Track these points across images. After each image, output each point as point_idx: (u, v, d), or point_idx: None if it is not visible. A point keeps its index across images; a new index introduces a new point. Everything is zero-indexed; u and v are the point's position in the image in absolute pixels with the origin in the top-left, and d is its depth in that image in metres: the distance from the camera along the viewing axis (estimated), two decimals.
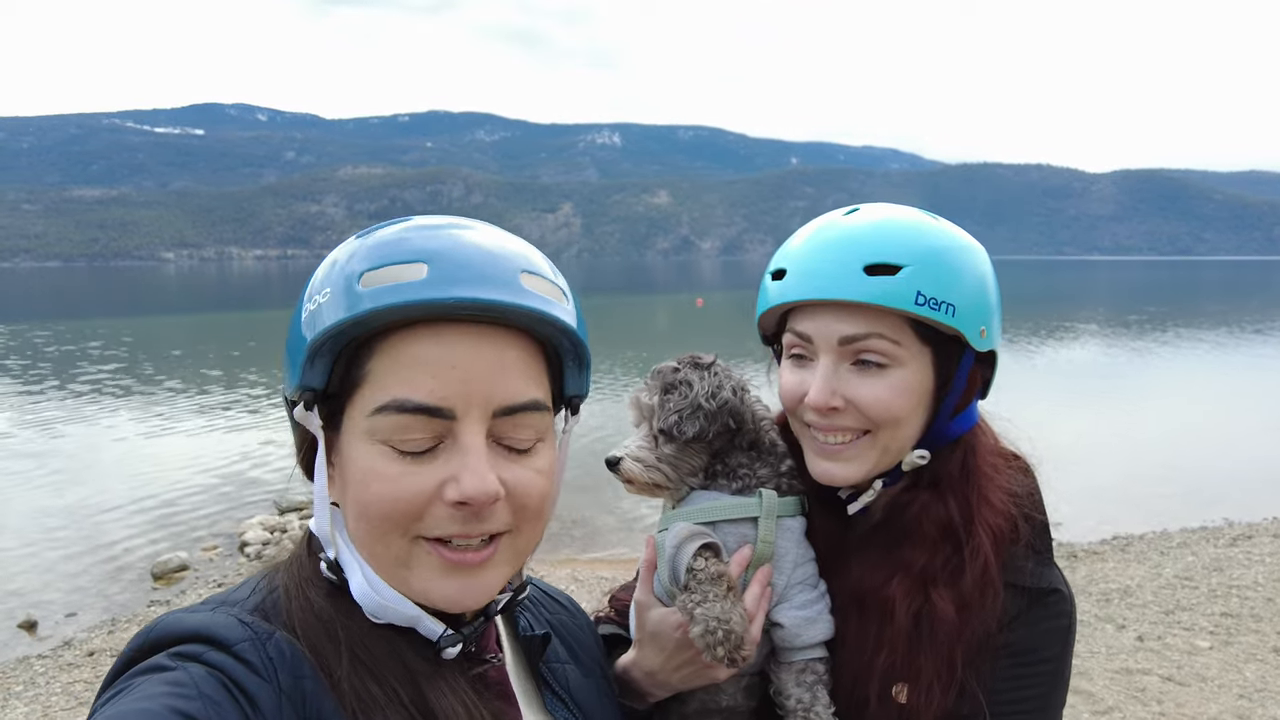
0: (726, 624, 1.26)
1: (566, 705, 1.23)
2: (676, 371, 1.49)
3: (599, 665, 1.39)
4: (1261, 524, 10.30)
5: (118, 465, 13.67)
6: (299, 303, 1.02)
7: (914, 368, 1.36)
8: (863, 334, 1.34)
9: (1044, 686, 1.34)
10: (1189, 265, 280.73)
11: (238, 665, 0.88)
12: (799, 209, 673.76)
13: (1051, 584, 1.36)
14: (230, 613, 0.96)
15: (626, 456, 1.46)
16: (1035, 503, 1.44)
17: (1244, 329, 39.00)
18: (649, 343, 31.42)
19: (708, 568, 1.34)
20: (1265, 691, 5.63)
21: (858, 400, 1.35)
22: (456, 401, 0.96)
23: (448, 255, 0.97)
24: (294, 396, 1.00)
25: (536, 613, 1.32)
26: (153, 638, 0.92)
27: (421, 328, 0.96)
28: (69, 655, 6.84)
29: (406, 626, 1.02)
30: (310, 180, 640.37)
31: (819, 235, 1.44)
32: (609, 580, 8.26)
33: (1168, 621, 6.92)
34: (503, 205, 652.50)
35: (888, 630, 1.37)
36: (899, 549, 1.41)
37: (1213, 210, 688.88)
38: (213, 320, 47.88)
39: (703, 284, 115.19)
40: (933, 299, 1.31)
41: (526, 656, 1.24)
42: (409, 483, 0.96)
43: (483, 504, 0.97)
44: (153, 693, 0.83)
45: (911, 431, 1.40)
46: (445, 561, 0.99)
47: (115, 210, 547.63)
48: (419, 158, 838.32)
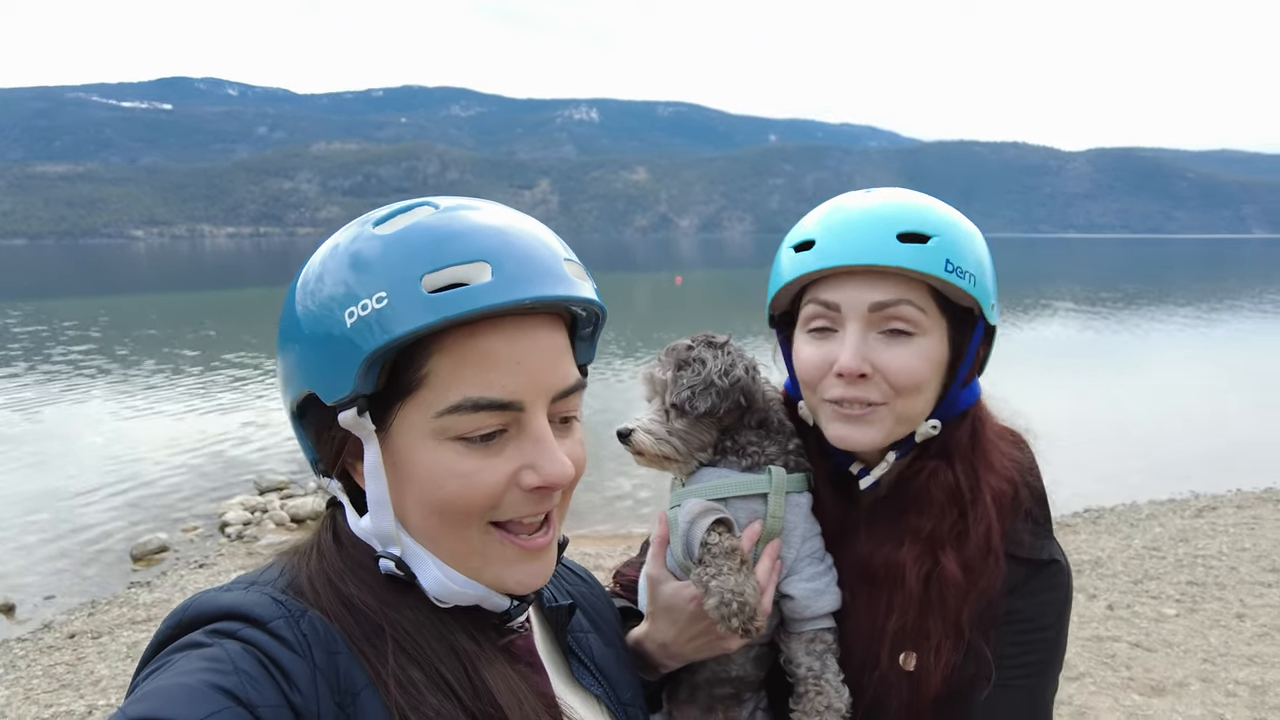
0: (740, 596, 1.31)
1: (592, 673, 1.26)
2: (690, 349, 1.52)
3: (618, 635, 1.43)
4: (1225, 496, 10.61)
5: (93, 447, 13.53)
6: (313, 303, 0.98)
7: (935, 338, 1.41)
8: (894, 300, 1.38)
9: (1043, 653, 1.39)
10: (1161, 244, 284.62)
11: (273, 641, 0.90)
12: (778, 186, 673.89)
13: (1051, 555, 1.41)
14: (263, 591, 0.97)
15: (639, 429, 1.50)
16: (1034, 473, 1.50)
17: (1214, 307, 39.71)
18: (629, 321, 31.41)
19: (721, 542, 1.38)
20: (1228, 655, 5.83)
21: (886, 367, 1.39)
22: (525, 394, 0.98)
23: (506, 253, 0.97)
24: (342, 404, 0.96)
25: (558, 585, 1.35)
26: (188, 616, 0.94)
27: (484, 325, 0.96)
28: (49, 638, 6.81)
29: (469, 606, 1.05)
30: (283, 156, 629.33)
31: (844, 208, 1.47)
32: (592, 556, 8.34)
33: (1136, 590, 7.12)
34: (479, 182, 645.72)
35: (899, 595, 1.41)
36: (906, 517, 1.45)
37: (1184, 189, 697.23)
38: (187, 299, 47.15)
39: (682, 262, 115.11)
40: (959, 268, 1.37)
41: (553, 627, 1.26)
42: (486, 476, 0.98)
43: (561, 486, 1.01)
44: (190, 668, 0.84)
45: (926, 402, 1.44)
46: (519, 549, 1.02)
47: (83, 187, 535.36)
48: (394, 133, 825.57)
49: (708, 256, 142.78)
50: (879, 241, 1.37)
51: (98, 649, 6.48)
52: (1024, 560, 1.40)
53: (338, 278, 0.98)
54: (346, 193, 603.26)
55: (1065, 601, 1.42)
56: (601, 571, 7.93)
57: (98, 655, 6.36)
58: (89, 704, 5.56)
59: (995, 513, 1.41)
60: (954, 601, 1.37)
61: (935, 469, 1.45)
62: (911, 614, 1.40)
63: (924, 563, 1.41)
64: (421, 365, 0.96)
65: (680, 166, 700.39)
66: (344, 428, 0.98)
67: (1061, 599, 1.41)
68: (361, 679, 0.93)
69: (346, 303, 0.95)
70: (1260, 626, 6.29)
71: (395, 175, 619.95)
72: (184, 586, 7.86)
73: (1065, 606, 1.42)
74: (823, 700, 1.41)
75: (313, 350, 0.98)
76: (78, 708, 5.51)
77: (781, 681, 1.53)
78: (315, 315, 0.98)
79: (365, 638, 0.97)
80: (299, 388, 1.01)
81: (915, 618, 1.39)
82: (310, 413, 1.03)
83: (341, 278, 0.97)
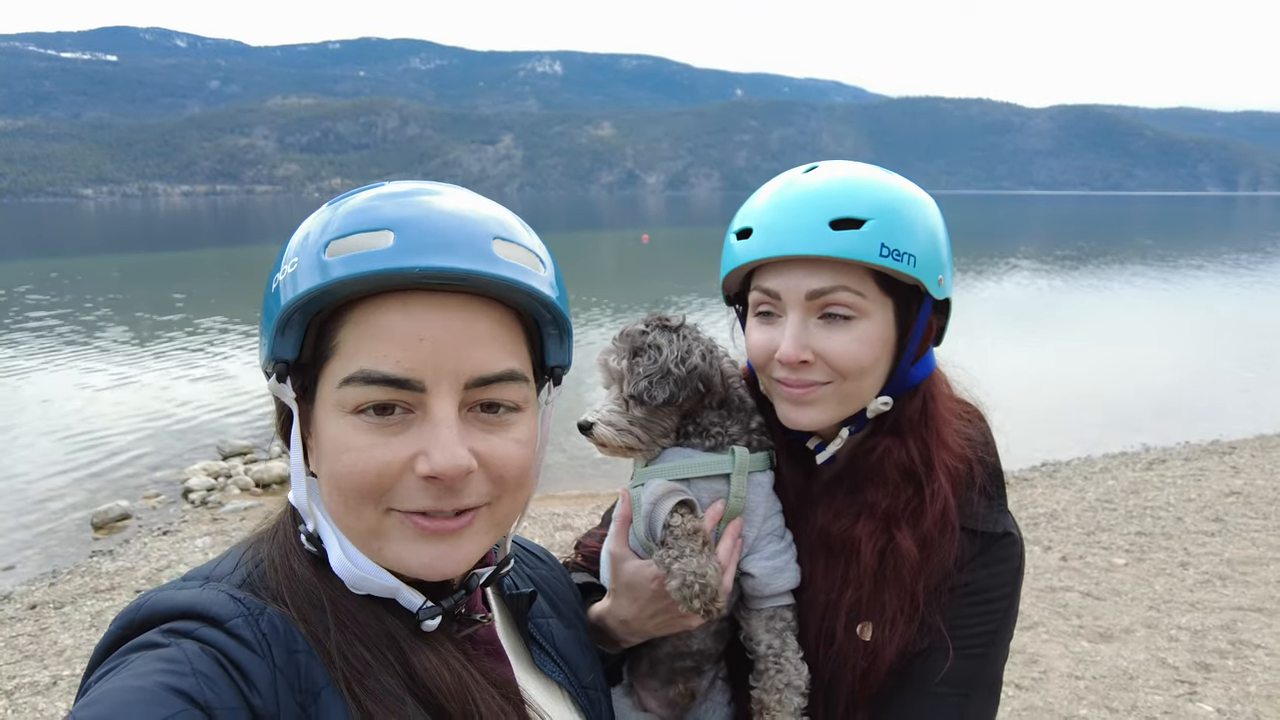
0: (703, 578, 1.33)
1: (553, 659, 1.25)
2: (645, 334, 1.49)
3: (578, 617, 1.43)
4: (1174, 448, 10.99)
5: (49, 414, 13.20)
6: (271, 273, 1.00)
7: (878, 319, 1.41)
8: (829, 287, 1.38)
9: (995, 623, 1.42)
10: (1120, 201, 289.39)
11: (231, 641, 0.88)
12: (744, 143, 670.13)
13: (1005, 528, 1.44)
14: (219, 588, 0.95)
15: (599, 421, 1.48)
16: (989, 449, 1.51)
17: (1170, 264, 40.62)
18: (595, 281, 31.22)
19: (684, 523, 1.39)
20: (1172, 602, 6.10)
21: (826, 353, 1.40)
22: (425, 373, 0.94)
23: (415, 223, 0.95)
24: (266, 368, 0.99)
25: (519, 570, 1.34)
26: (141, 615, 0.91)
27: (389, 297, 0.94)
28: (10, 609, 6.71)
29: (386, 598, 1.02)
30: (237, 111, 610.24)
31: (782, 193, 1.47)
32: (560, 516, 8.41)
33: (1089, 542, 7.38)
34: (440, 137, 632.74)
35: (854, 569, 1.43)
36: (863, 492, 1.47)
37: (1142, 146, 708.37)
38: (144, 260, 45.79)
39: (648, 220, 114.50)
40: (895, 250, 1.36)
41: (513, 614, 1.26)
42: (379, 454, 0.95)
43: (453, 478, 0.96)
44: (145, 670, 0.82)
45: (874, 380, 1.45)
46: (419, 529, 0.98)
47: (23, 143, 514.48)
48: (351, 87, 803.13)
49: (674, 214, 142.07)
50: (811, 231, 1.37)
51: (60, 619, 6.41)
52: (978, 533, 1.42)
53: (281, 253, 1.00)
54: (304, 149, 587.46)
55: (1018, 572, 1.44)
56: (570, 531, 8.02)
57: (61, 625, 6.29)
58: (53, 674, 5.52)
59: (950, 488, 1.43)
60: (909, 576, 1.40)
61: (889, 446, 1.46)
62: (867, 588, 1.42)
63: (879, 538, 1.43)
64: (334, 335, 0.96)
65: (646, 122, 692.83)
66: (276, 388, 0.99)
67: (1014, 569, 1.44)
68: (322, 678, 0.92)
69: (274, 272, 0.98)
70: (1202, 574, 6.57)
71: (354, 130, 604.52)
72: (147, 554, 7.78)
73: (1017, 577, 1.45)
74: (783, 678, 1.42)
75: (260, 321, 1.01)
76: (42, 678, 5.46)
77: (740, 653, 1.54)
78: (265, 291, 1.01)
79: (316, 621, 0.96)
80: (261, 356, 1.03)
81: (870, 592, 1.41)
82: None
83: (282, 252, 1.00)
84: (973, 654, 1.40)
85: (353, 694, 0.91)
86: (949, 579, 1.41)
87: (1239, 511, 8.04)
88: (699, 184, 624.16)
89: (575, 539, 1.77)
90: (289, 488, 1.07)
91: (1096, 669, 5.18)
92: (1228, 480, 9.11)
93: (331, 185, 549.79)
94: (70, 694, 5.27)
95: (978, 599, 1.41)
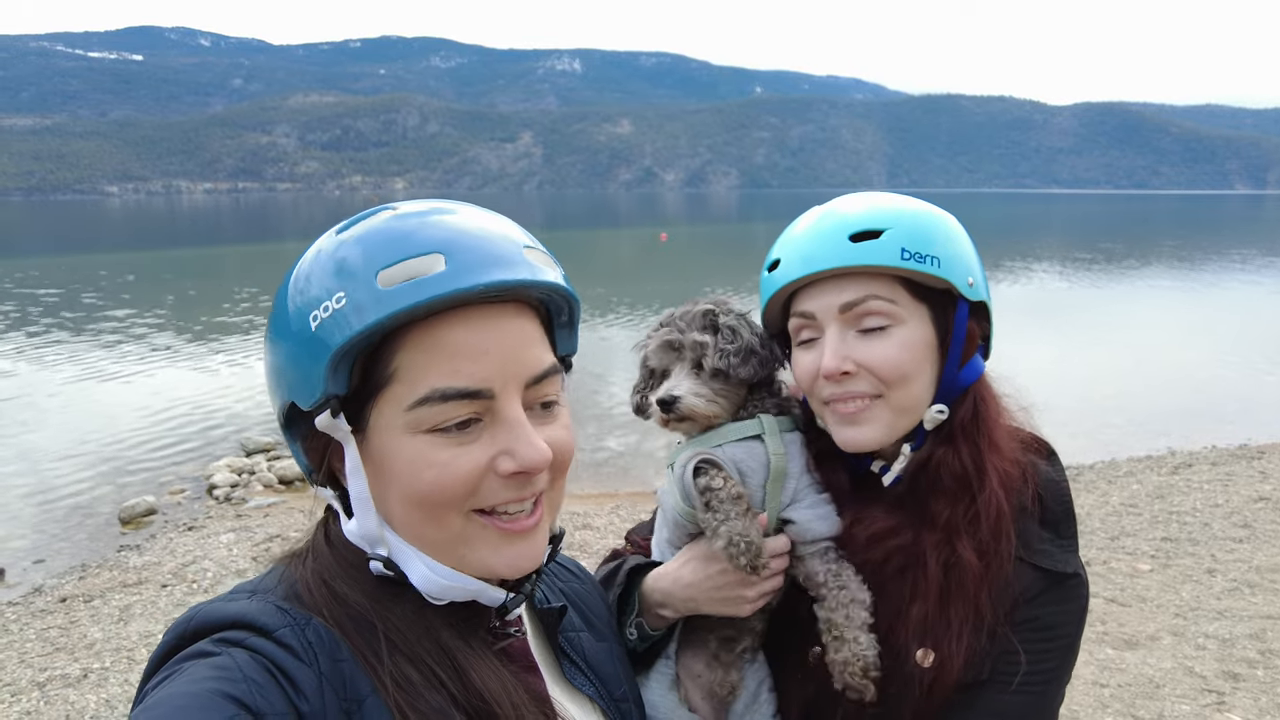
0: (747, 536, 1.43)
1: (584, 673, 1.28)
2: (715, 314, 1.57)
3: (610, 629, 1.45)
4: (1200, 452, 10.84)
5: (75, 409, 13.42)
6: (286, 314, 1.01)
7: (914, 324, 1.45)
8: (860, 298, 1.43)
9: (1056, 660, 1.43)
10: (1145, 199, 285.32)
11: (279, 650, 0.92)
12: (763, 139, 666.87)
13: (1075, 569, 1.45)
14: (267, 599, 0.99)
15: (686, 394, 1.53)
16: (1061, 490, 1.51)
17: (1196, 264, 40.03)
18: (613, 279, 31.28)
19: (726, 488, 1.47)
20: (1199, 610, 6.02)
21: (868, 362, 1.44)
22: (495, 381, 1.00)
23: (460, 244, 0.99)
24: (316, 408, 0.99)
25: (550, 583, 1.37)
26: (193, 626, 0.95)
27: (446, 315, 0.98)
28: (40, 602, 6.83)
29: (463, 602, 1.07)
30: (260, 109, 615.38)
31: (804, 223, 1.54)
32: (580, 515, 8.44)
33: (1113, 547, 7.30)
34: (459, 134, 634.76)
35: (921, 583, 1.45)
36: (924, 505, 1.49)
37: (1168, 144, 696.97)
38: (167, 257, 46.39)
39: (666, 218, 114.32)
40: (917, 253, 1.41)
41: (544, 628, 1.28)
42: (463, 464, 0.99)
43: (539, 469, 1.03)
44: (199, 676, 0.85)
45: (922, 388, 1.47)
46: (501, 531, 1.04)
47: (51, 141, 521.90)
48: (372, 85, 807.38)
49: (692, 212, 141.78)
50: (833, 246, 1.44)
51: (90, 612, 6.52)
52: (1048, 571, 1.43)
53: (303, 287, 1.01)
54: (325, 146, 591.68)
55: (1083, 612, 1.47)
56: (590, 530, 8.04)
57: (90, 618, 6.39)
58: (84, 667, 5.61)
59: (1003, 494, 1.44)
60: (972, 587, 1.41)
61: (943, 455, 1.48)
62: (933, 601, 1.43)
63: (943, 550, 1.44)
64: (390, 361, 0.98)
65: (664, 119, 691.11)
66: (322, 431, 1.01)
67: (1081, 609, 1.46)
68: (366, 686, 0.95)
69: (310, 308, 0.98)
70: (1230, 581, 6.48)
71: (374, 128, 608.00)
72: (173, 549, 7.89)
73: (1083, 616, 1.47)
74: (846, 594, 1.47)
75: (287, 360, 1.01)
76: (73, 671, 5.56)
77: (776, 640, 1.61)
78: (287, 327, 1.01)
79: (361, 637, 0.98)
80: (281, 398, 1.04)
81: (936, 605, 1.43)
82: (295, 422, 1.05)
83: (306, 286, 1.00)
84: (1033, 690, 1.40)
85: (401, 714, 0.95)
86: (1014, 613, 1.41)
87: (1268, 518, 7.91)
88: (717, 181, 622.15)
89: (595, 538, 1.78)
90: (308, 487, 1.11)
91: (1122, 677, 5.12)
92: (1256, 485, 8.96)
93: (352, 182, 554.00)
94: (100, 687, 5.36)
95: (1042, 635, 1.41)
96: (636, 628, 1.56)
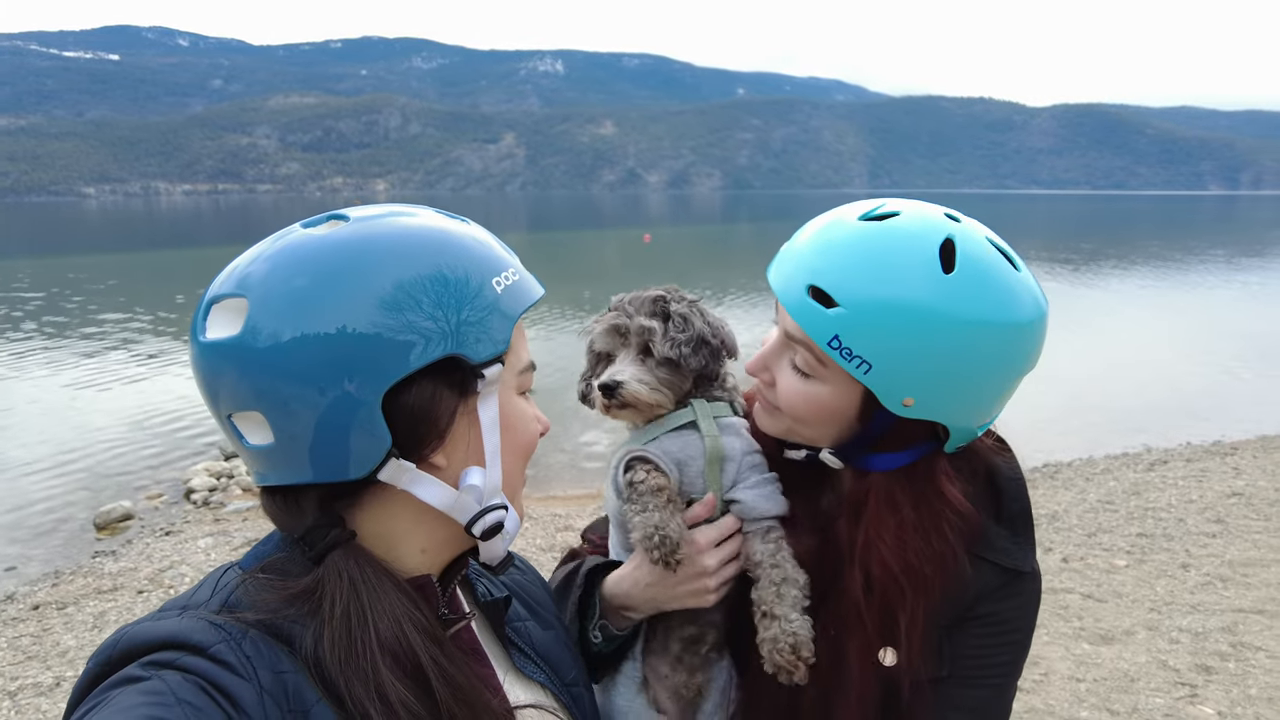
0: (663, 529, 1.40)
1: (534, 661, 1.29)
2: (666, 301, 1.53)
3: (556, 617, 1.46)
4: (1176, 449, 10.98)
5: (50, 413, 13.22)
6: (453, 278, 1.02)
7: (835, 390, 1.36)
8: (797, 339, 1.36)
9: (1012, 654, 1.45)
10: (1123, 200, 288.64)
11: (215, 667, 0.87)
12: (746, 141, 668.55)
13: (1031, 566, 1.46)
14: (198, 615, 0.94)
15: (629, 380, 1.49)
16: (1019, 488, 1.50)
17: (1172, 263, 40.55)
18: (597, 280, 31.16)
19: (648, 480, 1.45)
20: (1173, 604, 6.09)
21: (776, 384, 1.43)
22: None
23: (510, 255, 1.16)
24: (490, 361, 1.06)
25: (492, 576, 1.35)
26: (119, 650, 0.89)
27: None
28: (12, 610, 6.72)
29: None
30: (240, 110, 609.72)
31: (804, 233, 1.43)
32: (561, 517, 8.41)
33: (1090, 543, 7.38)
34: (442, 135, 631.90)
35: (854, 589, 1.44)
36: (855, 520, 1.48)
37: (1145, 145, 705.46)
38: (146, 259, 45.77)
39: (650, 219, 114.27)
40: (847, 349, 1.26)
41: (490, 620, 1.28)
42: (541, 420, 1.22)
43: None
44: (128, 704, 0.80)
45: (816, 435, 1.44)
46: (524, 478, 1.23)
47: (25, 141, 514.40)
48: (354, 86, 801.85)
49: (676, 213, 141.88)
50: (793, 285, 1.33)
51: (63, 620, 6.42)
52: (1006, 569, 1.43)
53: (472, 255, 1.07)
54: (306, 147, 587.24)
55: (1036, 606, 1.49)
56: (571, 532, 8.00)
57: (64, 626, 6.30)
58: (56, 675, 5.53)
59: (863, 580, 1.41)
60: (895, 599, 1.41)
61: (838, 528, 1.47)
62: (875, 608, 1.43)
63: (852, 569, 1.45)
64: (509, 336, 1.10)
65: (648, 120, 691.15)
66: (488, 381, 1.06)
67: (1034, 605, 1.48)
68: (312, 695, 0.92)
69: (489, 274, 1.06)
70: (1203, 576, 6.57)
71: (356, 129, 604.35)
72: (150, 554, 7.79)
73: (1035, 611, 1.49)
74: (779, 573, 1.44)
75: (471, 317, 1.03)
76: (45, 679, 5.48)
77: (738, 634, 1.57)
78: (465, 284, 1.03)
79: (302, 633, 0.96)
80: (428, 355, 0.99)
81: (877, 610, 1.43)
82: (415, 389, 1.00)
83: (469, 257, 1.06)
84: (993, 683, 1.43)
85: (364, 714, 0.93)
86: (969, 610, 1.42)
87: (1240, 513, 8.02)
88: (701, 183, 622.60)
89: (576, 539, 1.77)
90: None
91: (1097, 671, 5.17)
92: (1229, 481, 9.10)
93: (333, 184, 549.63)
94: None
95: (998, 629, 1.43)
96: (601, 630, 1.52)
